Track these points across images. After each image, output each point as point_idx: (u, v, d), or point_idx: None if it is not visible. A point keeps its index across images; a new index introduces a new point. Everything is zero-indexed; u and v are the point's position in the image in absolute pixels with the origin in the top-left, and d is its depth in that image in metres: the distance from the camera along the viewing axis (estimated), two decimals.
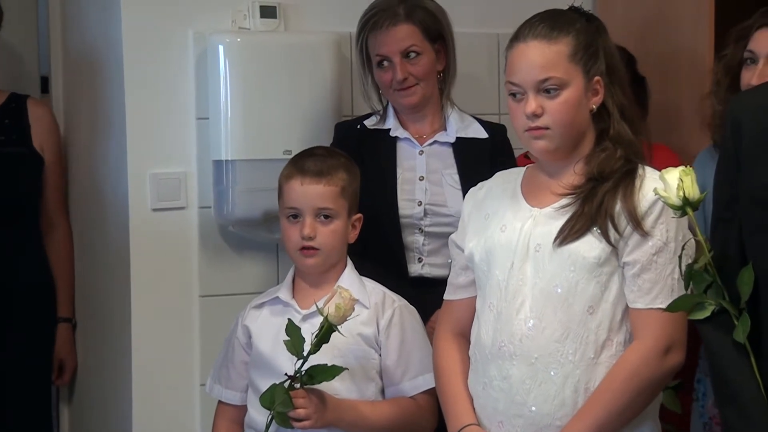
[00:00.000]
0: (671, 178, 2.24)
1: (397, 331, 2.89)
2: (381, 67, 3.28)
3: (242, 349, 2.97)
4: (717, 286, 2.19)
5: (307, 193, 2.87)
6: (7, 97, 3.73)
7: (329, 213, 2.88)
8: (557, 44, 2.51)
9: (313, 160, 2.91)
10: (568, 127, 2.52)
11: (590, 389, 2.47)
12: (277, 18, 3.54)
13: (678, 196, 2.23)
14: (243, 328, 2.97)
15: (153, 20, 3.46)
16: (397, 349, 2.88)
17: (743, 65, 3.04)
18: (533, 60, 2.50)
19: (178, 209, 3.52)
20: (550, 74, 2.49)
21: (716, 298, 2.19)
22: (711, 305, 2.20)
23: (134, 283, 3.49)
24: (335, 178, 2.89)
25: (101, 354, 3.75)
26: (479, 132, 3.34)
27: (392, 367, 2.89)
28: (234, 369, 2.99)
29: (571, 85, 2.51)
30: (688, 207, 2.24)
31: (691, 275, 2.21)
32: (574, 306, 2.48)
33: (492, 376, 2.54)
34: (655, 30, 3.79)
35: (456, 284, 2.72)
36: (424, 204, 3.25)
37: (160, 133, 3.49)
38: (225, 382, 3.00)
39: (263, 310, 2.97)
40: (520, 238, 2.54)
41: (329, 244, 2.89)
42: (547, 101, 2.49)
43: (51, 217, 3.79)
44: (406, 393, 2.90)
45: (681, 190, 2.23)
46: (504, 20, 3.12)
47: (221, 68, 3.41)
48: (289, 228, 2.90)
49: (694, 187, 2.23)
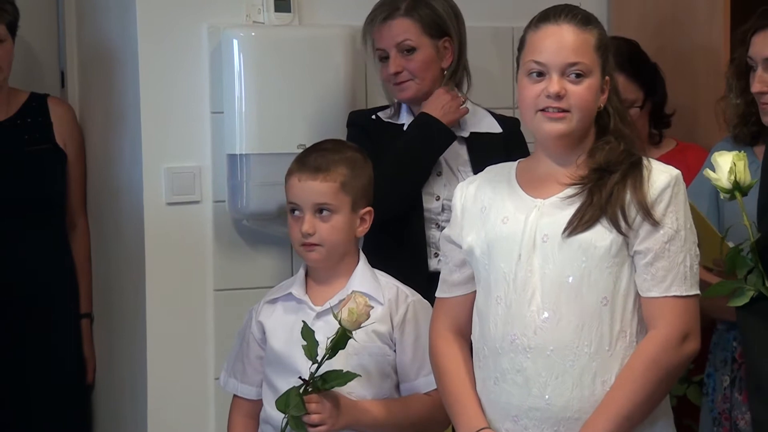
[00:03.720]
0: (723, 161, 2.23)
1: (412, 327, 2.89)
2: (382, 61, 3.31)
3: (257, 344, 2.96)
4: (758, 272, 2.18)
5: (305, 189, 2.87)
6: (28, 97, 3.76)
7: (328, 208, 2.87)
8: (588, 33, 2.53)
9: (316, 155, 2.90)
10: (585, 114, 2.52)
11: (607, 381, 2.47)
12: (291, 12, 3.55)
13: (729, 180, 2.22)
14: (257, 324, 2.96)
15: (167, 14, 3.47)
16: (412, 345, 2.88)
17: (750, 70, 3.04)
18: (566, 42, 2.50)
19: (193, 203, 3.53)
20: (579, 59, 2.50)
21: (756, 284, 2.18)
22: (750, 291, 2.19)
23: (149, 277, 3.49)
24: (334, 174, 2.87)
25: (116, 348, 3.76)
26: (493, 126, 3.35)
27: (407, 364, 2.88)
28: (249, 364, 2.98)
29: (593, 75, 2.52)
30: (737, 191, 2.23)
31: (735, 259, 2.20)
32: (588, 297, 2.47)
33: (505, 370, 2.53)
34: (670, 27, 3.78)
35: (451, 281, 2.69)
36: (442, 199, 3.26)
37: (174, 128, 3.50)
38: (240, 377, 2.99)
39: (277, 306, 2.96)
40: (526, 229, 2.53)
41: (330, 240, 2.87)
42: (570, 85, 2.50)
43: (73, 214, 3.81)
44: (421, 389, 2.89)
45: (733, 173, 2.22)
46: (518, 14, 3.11)
47: (236, 62, 3.42)
48: (292, 223, 2.91)
49: (746, 172, 2.22)
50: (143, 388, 3.52)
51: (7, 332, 3.62)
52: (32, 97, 3.76)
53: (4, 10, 3.59)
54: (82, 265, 3.83)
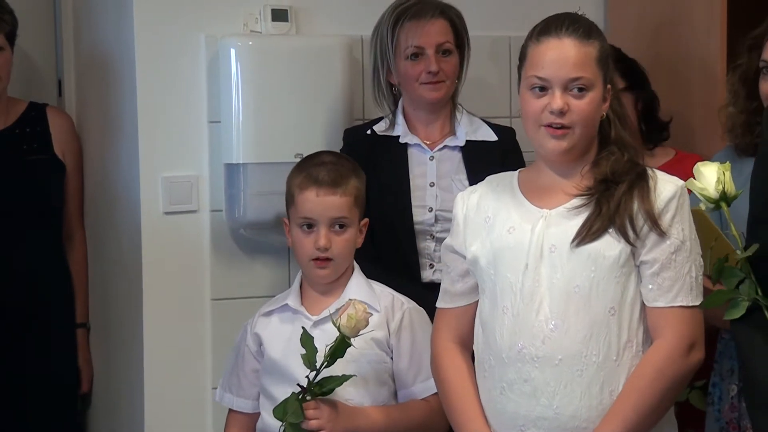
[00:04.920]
0: (708, 172, 2.23)
1: (408, 333, 2.90)
2: (413, 58, 3.27)
3: (253, 357, 2.97)
4: (750, 282, 2.18)
5: (323, 204, 2.87)
6: (26, 107, 3.76)
7: (344, 222, 2.88)
8: (590, 46, 2.53)
9: (326, 170, 2.90)
10: (589, 128, 2.53)
11: (614, 391, 2.48)
12: (288, 21, 3.55)
13: (717, 190, 2.23)
14: (253, 336, 2.97)
15: (165, 24, 3.47)
16: (409, 351, 2.89)
17: (760, 74, 3.02)
18: (567, 56, 2.51)
19: (190, 212, 3.53)
20: (581, 74, 2.50)
21: (750, 293, 2.17)
22: (745, 302, 2.19)
23: (146, 286, 3.49)
24: (350, 188, 2.89)
25: (113, 357, 3.76)
26: (488, 135, 3.35)
27: (404, 370, 2.89)
28: (245, 377, 2.99)
29: (595, 88, 2.53)
30: (723, 202, 2.23)
31: (721, 270, 2.20)
32: (596, 307, 2.48)
33: (511, 380, 2.53)
34: (667, 35, 3.78)
35: (453, 292, 2.70)
36: (435, 210, 3.26)
37: (171, 137, 3.49)
38: (236, 391, 3.00)
39: (272, 317, 2.97)
40: (533, 239, 2.53)
41: (343, 254, 2.89)
42: (573, 100, 2.50)
43: (70, 223, 3.81)
44: (418, 395, 2.90)
45: (721, 183, 2.22)
46: (515, 23, 3.12)
47: (233, 71, 3.42)
48: (303, 238, 2.90)
49: (732, 183, 2.22)
50: (140, 398, 3.52)
51: (3, 341, 3.62)
52: (31, 106, 3.76)
53: (3, 19, 3.60)
54: (79, 275, 3.82)
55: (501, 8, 3.81)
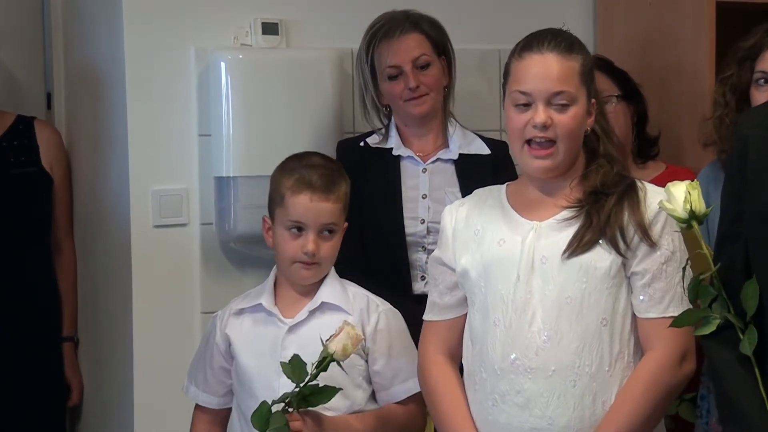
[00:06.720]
0: (677, 191, 2.24)
1: (384, 336, 2.88)
2: (392, 79, 3.28)
3: (221, 356, 2.93)
4: (722, 300, 2.20)
5: (315, 210, 2.84)
6: (14, 119, 3.74)
7: (333, 228, 2.87)
8: (572, 61, 2.54)
9: (318, 173, 2.87)
10: (573, 142, 2.54)
11: (607, 402, 2.49)
12: (278, 34, 3.55)
13: (685, 209, 2.24)
14: (223, 336, 2.92)
15: (155, 37, 3.47)
16: (386, 354, 2.87)
17: (753, 86, 3.02)
18: (550, 71, 2.51)
19: (180, 226, 3.53)
20: (564, 88, 2.51)
21: (721, 312, 2.19)
22: (716, 319, 2.20)
23: (136, 299, 3.49)
24: (341, 194, 2.87)
25: (103, 370, 3.74)
26: (481, 148, 3.36)
27: (381, 372, 2.88)
28: (212, 373, 2.95)
29: (579, 102, 2.53)
30: (694, 221, 2.24)
31: (697, 288, 2.22)
32: (588, 318, 2.49)
33: (504, 392, 2.53)
34: (656, 48, 3.79)
35: (442, 304, 2.69)
36: (427, 222, 3.26)
37: (162, 150, 3.49)
38: (202, 386, 2.97)
39: (244, 318, 2.92)
40: (524, 250, 2.54)
41: (329, 259, 2.88)
42: (556, 114, 2.51)
43: (59, 237, 3.80)
44: (397, 397, 2.88)
45: (688, 203, 2.23)
46: (505, 37, 3.12)
47: (223, 85, 3.42)
48: (290, 240, 2.87)
49: (700, 201, 2.24)
50: (130, 411, 3.51)
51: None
52: (19, 119, 3.74)
53: None
54: (67, 289, 3.81)
55: (490, 22, 3.82)
